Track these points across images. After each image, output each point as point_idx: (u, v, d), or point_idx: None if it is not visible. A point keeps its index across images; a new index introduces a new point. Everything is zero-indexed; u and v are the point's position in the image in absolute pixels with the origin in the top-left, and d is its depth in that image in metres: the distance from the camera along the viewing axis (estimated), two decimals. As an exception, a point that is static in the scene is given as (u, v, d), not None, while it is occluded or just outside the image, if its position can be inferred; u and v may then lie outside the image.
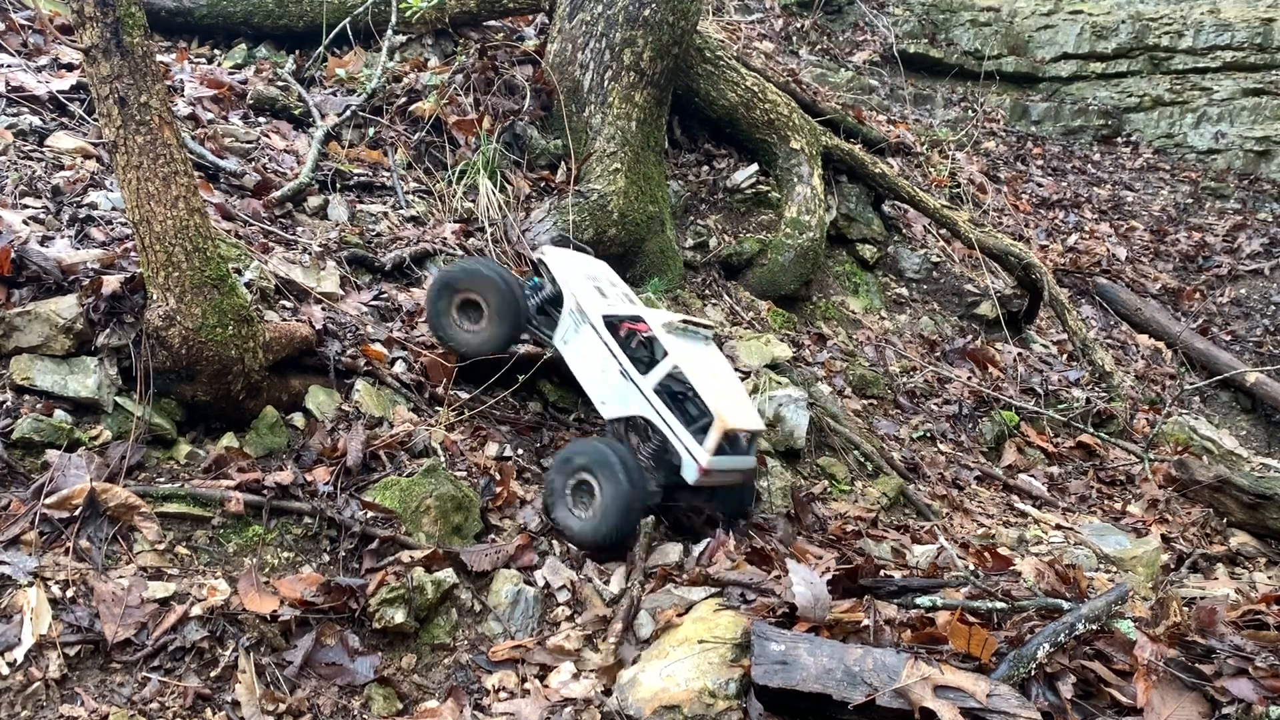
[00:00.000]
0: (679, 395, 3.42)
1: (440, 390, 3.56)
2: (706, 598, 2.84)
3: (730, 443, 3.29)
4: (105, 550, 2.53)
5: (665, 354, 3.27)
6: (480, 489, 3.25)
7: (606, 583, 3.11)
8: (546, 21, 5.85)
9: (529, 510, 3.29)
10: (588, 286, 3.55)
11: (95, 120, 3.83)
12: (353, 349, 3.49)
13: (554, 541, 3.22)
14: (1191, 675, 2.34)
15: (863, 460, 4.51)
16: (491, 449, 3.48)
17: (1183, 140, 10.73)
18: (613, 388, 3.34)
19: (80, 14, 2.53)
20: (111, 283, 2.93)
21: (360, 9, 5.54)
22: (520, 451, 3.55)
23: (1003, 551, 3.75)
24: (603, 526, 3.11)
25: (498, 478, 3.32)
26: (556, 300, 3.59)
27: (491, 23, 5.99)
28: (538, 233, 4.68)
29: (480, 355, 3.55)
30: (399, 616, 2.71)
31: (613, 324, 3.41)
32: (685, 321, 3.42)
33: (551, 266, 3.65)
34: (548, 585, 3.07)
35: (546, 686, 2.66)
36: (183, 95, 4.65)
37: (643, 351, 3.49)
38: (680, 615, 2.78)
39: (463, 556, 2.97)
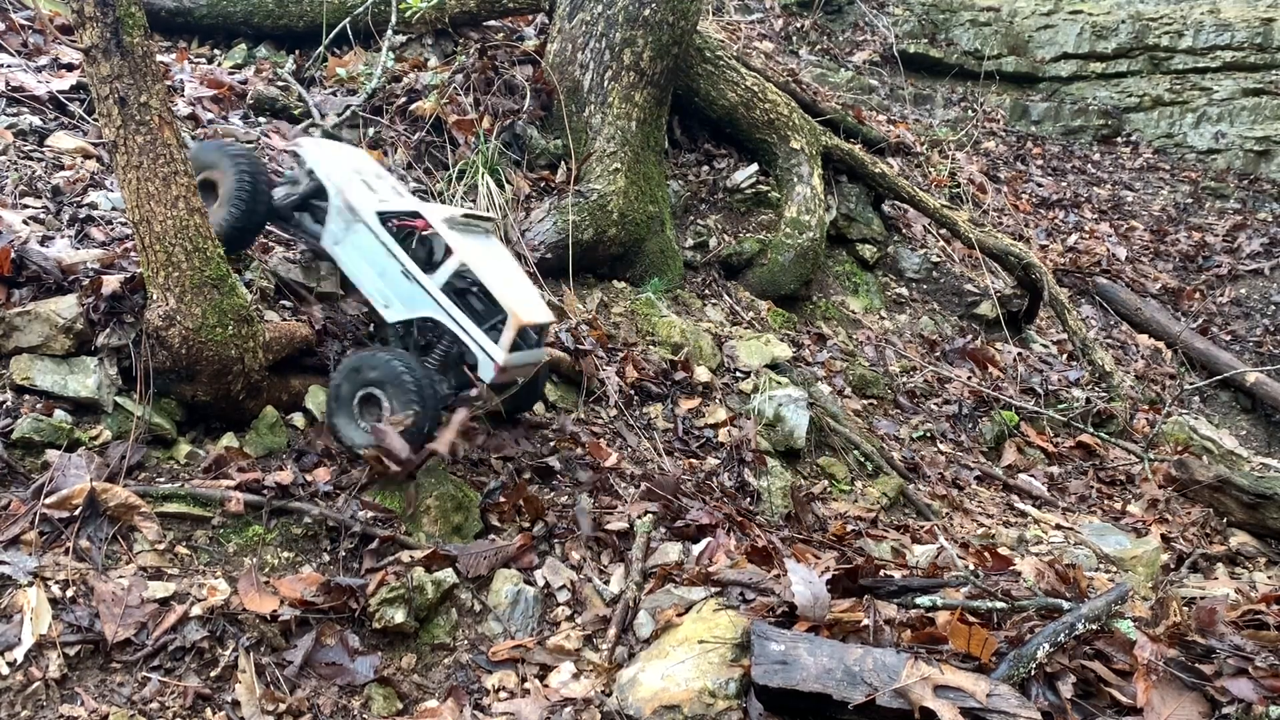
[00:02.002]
0: (465, 293, 3.29)
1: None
2: (706, 598, 2.84)
3: (522, 337, 3.23)
4: (105, 550, 2.53)
5: (450, 251, 3.14)
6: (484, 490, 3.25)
7: (606, 583, 3.11)
8: (546, 21, 5.85)
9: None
10: (355, 181, 3.35)
11: (95, 120, 3.82)
12: (353, 349, 3.49)
13: (554, 542, 3.22)
14: (1191, 675, 2.34)
15: (863, 460, 4.51)
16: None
17: (1183, 140, 10.73)
18: (395, 290, 3.18)
19: (80, 14, 2.53)
20: (111, 283, 2.93)
21: (360, 9, 5.54)
22: (523, 453, 3.55)
23: (1003, 551, 3.75)
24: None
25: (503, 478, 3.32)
26: (318, 194, 3.35)
27: (491, 23, 5.98)
28: (538, 232, 4.68)
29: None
30: (399, 616, 2.71)
31: (388, 221, 3.24)
32: (466, 215, 3.27)
33: (309, 160, 3.38)
34: (548, 585, 3.07)
35: (546, 686, 2.66)
36: (183, 95, 4.65)
37: (421, 249, 3.32)
38: (680, 615, 2.78)
39: (459, 563, 2.96)
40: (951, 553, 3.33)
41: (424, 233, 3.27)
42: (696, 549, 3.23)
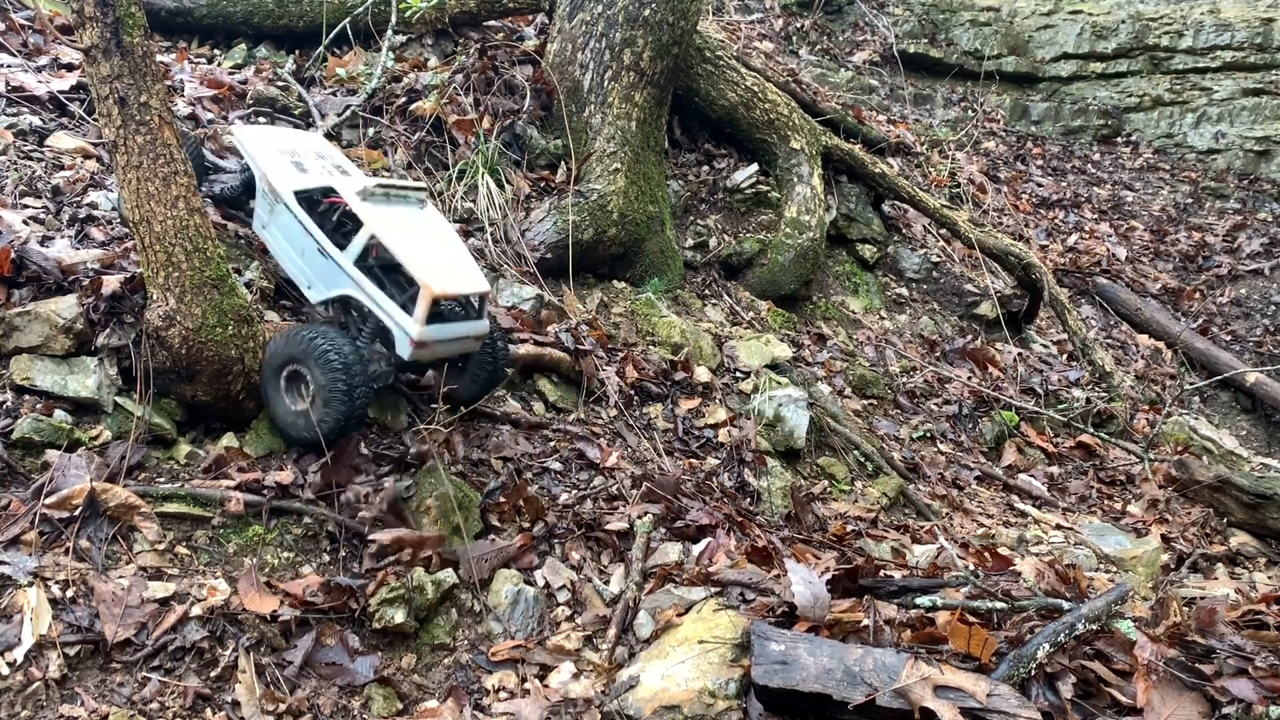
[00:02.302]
0: (392, 268, 3.16)
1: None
2: (707, 598, 2.84)
3: (450, 310, 3.11)
4: (105, 550, 2.53)
5: (361, 224, 3.04)
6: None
7: (606, 583, 3.11)
8: (546, 21, 5.85)
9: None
10: (281, 162, 3.26)
11: (95, 120, 3.82)
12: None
13: (554, 542, 3.22)
14: (1191, 675, 2.34)
15: (863, 460, 4.51)
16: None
17: (1183, 140, 10.73)
18: (315, 269, 3.10)
19: (80, 14, 2.53)
20: (111, 282, 2.93)
21: (360, 9, 5.54)
22: (521, 451, 3.55)
23: (1003, 551, 3.75)
24: (325, 420, 2.88)
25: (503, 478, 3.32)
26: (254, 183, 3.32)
27: (491, 23, 5.98)
28: (538, 232, 4.68)
29: None
30: (399, 616, 2.71)
31: (310, 199, 3.17)
32: (385, 186, 3.13)
33: (240, 144, 3.34)
34: (548, 585, 3.07)
35: (546, 686, 2.66)
36: (183, 95, 4.65)
37: (349, 225, 3.23)
38: (680, 615, 2.78)
39: (462, 568, 2.96)
40: (951, 553, 3.33)
41: (346, 208, 3.17)
42: (696, 549, 3.23)
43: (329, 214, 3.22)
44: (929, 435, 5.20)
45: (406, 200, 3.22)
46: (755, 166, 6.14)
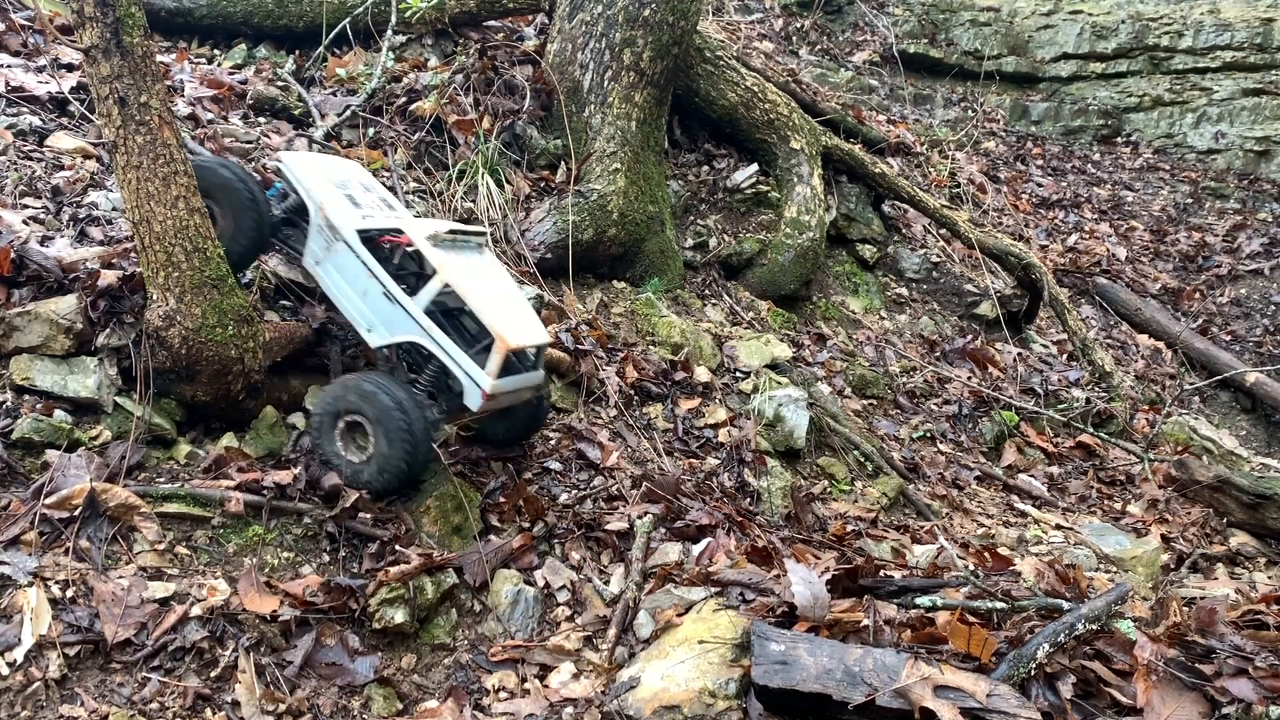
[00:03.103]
0: (453, 312, 3.14)
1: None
2: (707, 598, 2.84)
3: (517, 359, 3.08)
4: (105, 550, 2.53)
5: (434, 271, 2.96)
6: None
7: (606, 583, 3.11)
8: (546, 21, 5.85)
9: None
10: (336, 196, 3.17)
11: (95, 120, 3.82)
12: (353, 349, 3.49)
13: (554, 542, 3.22)
14: (1191, 675, 2.34)
15: (863, 460, 4.51)
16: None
17: (1183, 140, 10.73)
18: (378, 312, 3.01)
19: (80, 14, 2.53)
20: (109, 277, 2.93)
21: (360, 9, 5.54)
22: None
23: (1003, 551, 3.75)
24: (385, 474, 2.87)
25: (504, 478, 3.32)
26: (303, 211, 3.20)
27: (491, 23, 5.98)
28: (538, 232, 4.68)
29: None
30: (399, 616, 2.71)
31: (371, 239, 3.09)
32: (453, 231, 3.09)
33: (290, 174, 3.23)
34: (548, 585, 3.07)
35: (546, 686, 2.66)
36: (183, 95, 4.65)
37: (409, 265, 3.20)
38: (680, 615, 2.78)
39: (465, 572, 2.96)
40: (951, 553, 3.33)
41: (409, 249, 3.13)
42: (696, 549, 3.23)
43: (390, 254, 3.14)
44: (929, 435, 5.20)
45: (469, 245, 3.18)
46: (755, 166, 6.14)
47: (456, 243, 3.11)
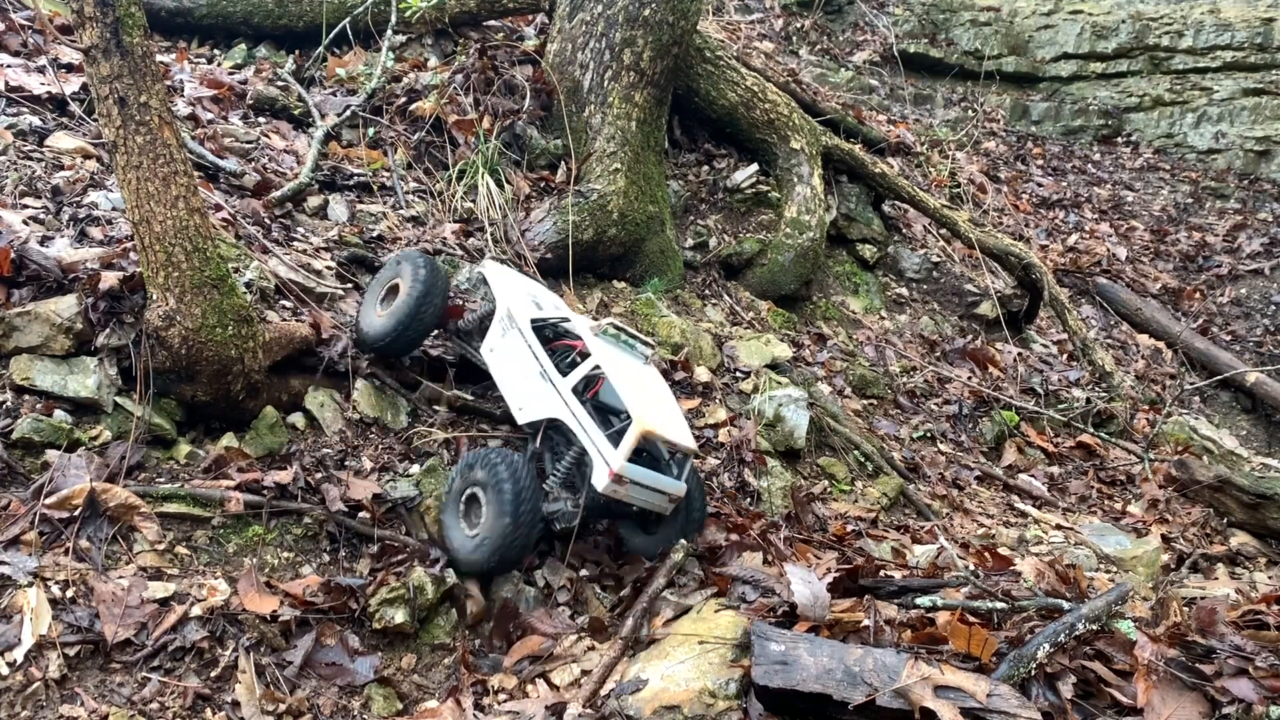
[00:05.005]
0: (603, 409, 3.25)
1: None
2: (707, 598, 2.84)
3: (656, 457, 3.12)
4: (105, 550, 2.53)
5: (588, 355, 3.12)
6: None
7: (606, 585, 3.11)
8: (546, 21, 5.84)
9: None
10: (522, 297, 3.44)
11: (95, 120, 3.82)
12: (353, 349, 3.49)
13: (554, 542, 3.22)
14: (1191, 675, 2.34)
15: (863, 460, 4.51)
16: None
17: (1183, 140, 10.73)
18: (531, 391, 3.15)
19: (80, 14, 2.53)
20: (109, 278, 2.93)
21: (360, 9, 5.54)
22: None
23: (1003, 551, 3.75)
24: (479, 554, 2.85)
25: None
26: (490, 315, 3.46)
27: (491, 23, 5.98)
28: (538, 232, 4.68)
29: (374, 347, 3.38)
30: (399, 616, 2.71)
31: (540, 330, 3.29)
32: (618, 328, 3.26)
33: (490, 278, 3.54)
34: (548, 585, 3.06)
35: (546, 686, 2.66)
36: (183, 95, 4.65)
37: (576, 363, 3.29)
38: (680, 615, 2.78)
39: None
40: (951, 553, 3.33)
41: (579, 351, 3.25)
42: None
43: (562, 354, 3.30)
44: (929, 435, 5.20)
45: (633, 349, 3.32)
46: (755, 166, 6.14)
47: (620, 341, 3.28)
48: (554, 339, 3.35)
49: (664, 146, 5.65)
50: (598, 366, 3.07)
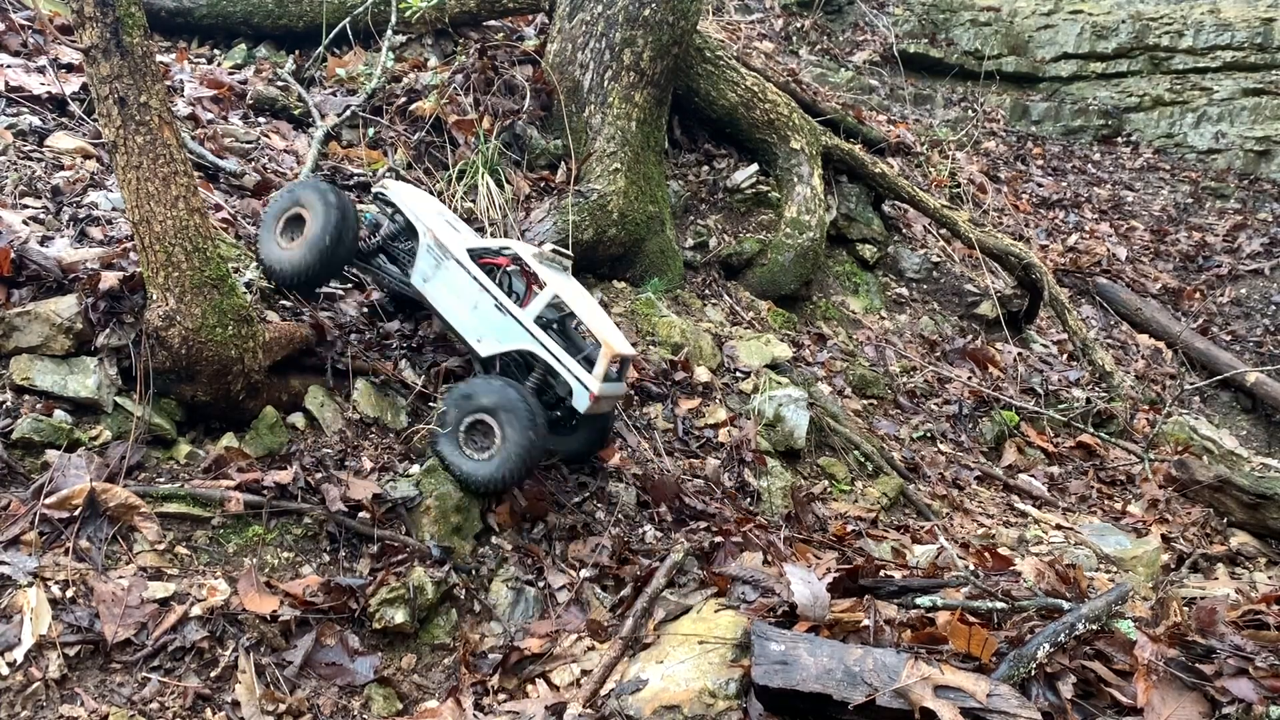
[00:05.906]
0: (552, 325, 3.37)
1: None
2: (707, 598, 2.84)
3: (591, 359, 3.27)
4: (105, 550, 2.53)
5: (543, 285, 3.25)
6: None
7: (606, 586, 3.11)
8: (546, 21, 5.84)
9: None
10: (441, 221, 3.45)
11: (95, 120, 3.82)
12: (353, 349, 3.49)
13: (555, 542, 3.22)
14: (1191, 675, 2.34)
15: (863, 460, 4.51)
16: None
17: (1183, 140, 10.73)
18: (489, 323, 3.25)
19: (80, 14, 2.53)
20: (109, 279, 2.93)
21: (360, 9, 5.54)
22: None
23: (1003, 551, 3.75)
24: (502, 471, 3.04)
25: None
26: (397, 236, 3.48)
27: (491, 23, 5.98)
28: (538, 232, 4.68)
29: (294, 282, 3.29)
30: (399, 616, 2.71)
31: (476, 257, 3.34)
32: (556, 251, 3.41)
33: (397, 200, 3.49)
34: (548, 585, 3.06)
35: (546, 686, 2.66)
36: (183, 95, 4.65)
37: (506, 284, 3.40)
38: (681, 615, 2.78)
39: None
40: (951, 553, 3.33)
41: (507, 268, 3.35)
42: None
43: (492, 273, 3.36)
44: (929, 435, 5.20)
45: (561, 266, 3.45)
46: (755, 166, 6.14)
47: (554, 262, 3.40)
48: (475, 259, 3.36)
49: (664, 146, 5.65)
50: (556, 296, 3.22)
